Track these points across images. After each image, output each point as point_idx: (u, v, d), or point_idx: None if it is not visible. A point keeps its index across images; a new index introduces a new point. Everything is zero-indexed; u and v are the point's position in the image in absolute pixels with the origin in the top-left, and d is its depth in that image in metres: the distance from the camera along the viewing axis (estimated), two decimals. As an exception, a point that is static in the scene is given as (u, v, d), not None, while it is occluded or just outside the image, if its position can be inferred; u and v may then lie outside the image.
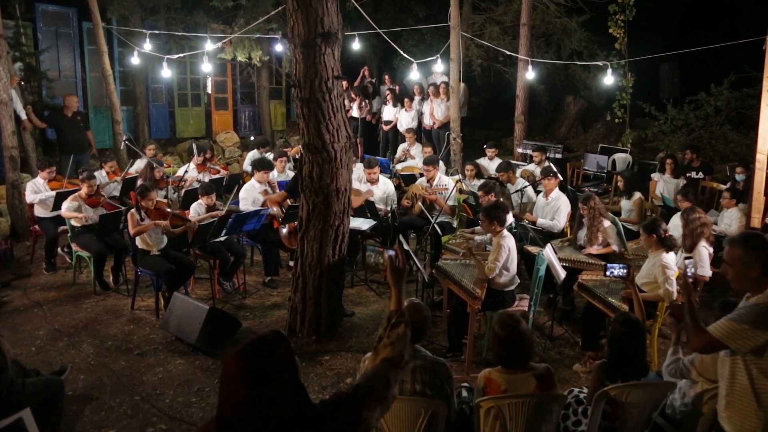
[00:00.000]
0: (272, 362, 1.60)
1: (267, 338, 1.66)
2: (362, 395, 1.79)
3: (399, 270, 2.24)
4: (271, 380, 1.58)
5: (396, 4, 13.97)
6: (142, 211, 5.80)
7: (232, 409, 1.60)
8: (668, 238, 4.76)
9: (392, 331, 2.04)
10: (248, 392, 1.57)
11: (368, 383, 1.84)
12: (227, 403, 1.61)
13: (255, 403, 1.57)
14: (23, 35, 9.94)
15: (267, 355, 1.60)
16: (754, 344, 2.50)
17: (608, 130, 12.81)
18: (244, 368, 1.59)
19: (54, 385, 3.84)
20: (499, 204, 5.09)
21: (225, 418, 1.61)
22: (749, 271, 2.59)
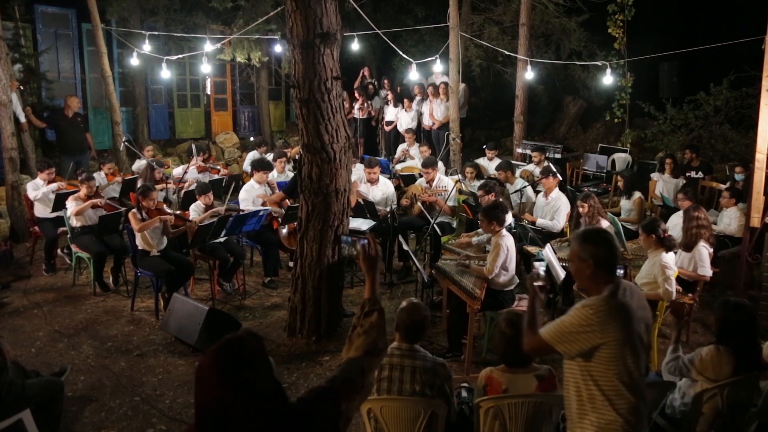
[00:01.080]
0: (245, 357, 1.59)
1: (238, 336, 1.66)
2: (339, 388, 1.79)
3: (372, 258, 2.25)
4: (245, 375, 1.57)
5: (395, 4, 13.98)
6: (143, 211, 5.80)
7: (209, 408, 1.59)
8: (667, 238, 4.77)
9: (365, 319, 2.04)
10: (223, 388, 1.56)
11: (344, 375, 1.84)
12: (204, 401, 1.59)
13: (231, 399, 1.55)
14: (22, 37, 9.94)
15: (239, 351, 1.60)
16: (581, 348, 2.37)
17: (608, 130, 12.82)
18: (218, 365, 1.58)
19: (54, 386, 3.83)
20: (498, 204, 5.09)
21: (203, 418, 1.60)
22: (584, 268, 2.47)
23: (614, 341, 2.33)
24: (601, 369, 2.36)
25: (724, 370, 3.19)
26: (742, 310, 3.27)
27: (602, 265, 2.45)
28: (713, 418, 3.20)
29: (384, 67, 15.19)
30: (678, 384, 3.44)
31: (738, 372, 3.17)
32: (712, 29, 10.63)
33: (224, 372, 1.56)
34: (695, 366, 3.28)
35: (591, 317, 2.35)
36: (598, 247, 2.46)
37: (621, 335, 2.34)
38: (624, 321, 2.36)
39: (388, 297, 6.32)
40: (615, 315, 2.36)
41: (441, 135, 10.81)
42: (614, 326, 2.34)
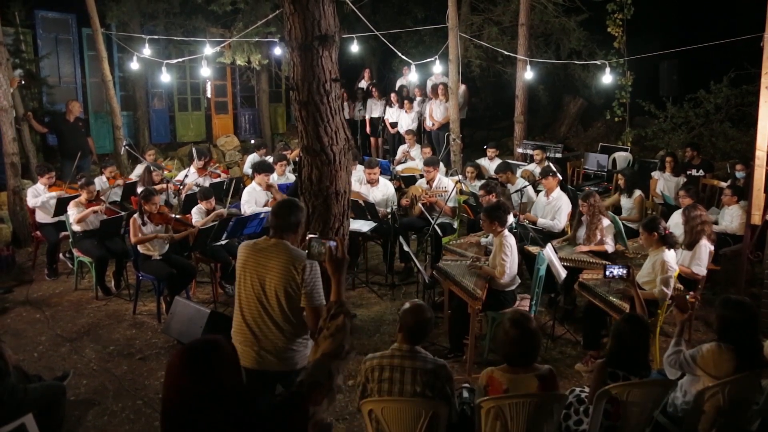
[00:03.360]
0: (212, 355, 1.60)
1: (210, 337, 1.69)
2: (307, 391, 1.79)
3: (338, 260, 2.25)
4: (210, 370, 1.58)
5: (394, 5, 13.99)
6: (145, 216, 5.81)
7: (174, 400, 1.59)
8: (669, 236, 4.76)
9: (331, 322, 2.04)
10: (190, 380, 1.57)
11: (311, 379, 1.84)
12: (171, 394, 1.60)
13: (197, 392, 1.56)
14: (23, 42, 9.97)
15: (207, 348, 1.62)
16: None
17: (608, 128, 12.81)
18: (188, 358, 1.60)
19: (56, 390, 3.84)
20: (500, 204, 5.09)
21: (168, 409, 1.60)
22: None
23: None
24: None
25: (725, 367, 3.18)
26: (744, 308, 3.27)
27: None
28: (715, 416, 3.19)
29: (384, 68, 15.21)
30: (679, 382, 3.44)
31: (739, 370, 3.17)
32: (712, 27, 10.60)
33: (190, 368, 1.57)
34: (696, 362, 3.28)
35: None
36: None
37: None
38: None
39: (389, 298, 6.32)
40: None
41: (441, 136, 10.81)
42: None
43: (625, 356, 3.30)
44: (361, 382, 3.12)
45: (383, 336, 5.43)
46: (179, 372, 1.59)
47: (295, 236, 3.29)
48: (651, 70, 11.12)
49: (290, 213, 3.22)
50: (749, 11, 6.93)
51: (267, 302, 3.14)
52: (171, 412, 1.60)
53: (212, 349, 1.62)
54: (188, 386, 1.57)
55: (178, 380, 1.59)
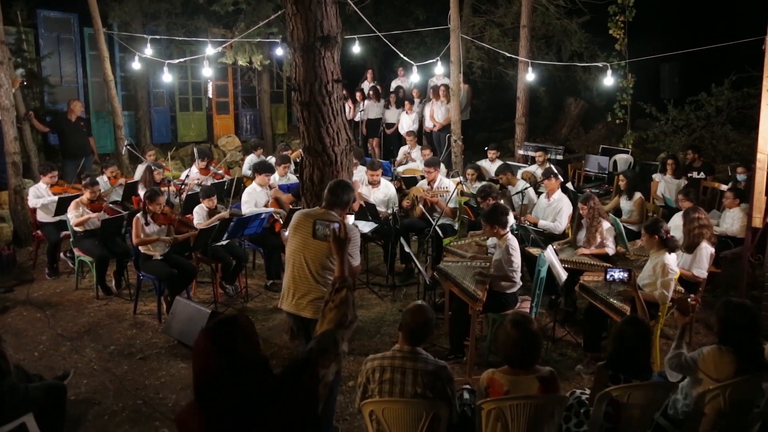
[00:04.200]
0: (233, 332, 1.82)
1: (233, 315, 1.91)
2: (316, 357, 2.00)
3: (341, 240, 2.58)
4: (234, 347, 1.80)
5: (396, 7, 14.00)
6: (149, 216, 5.81)
7: (205, 379, 1.80)
8: (670, 239, 4.76)
9: (336, 295, 2.28)
10: (217, 359, 1.78)
11: (320, 346, 2.06)
12: (201, 374, 1.80)
13: (223, 367, 1.77)
14: (25, 41, 9.98)
15: (228, 326, 1.83)
16: None
17: (609, 131, 12.81)
18: (212, 339, 1.81)
19: (57, 389, 3.84)
20: (497, 207, 5.04)
21: (201, 388, 1.81)
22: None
23: None
24: None
25: (726, 370, 3.18)
26: (745, 311, 3.26)
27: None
28: (716, 419, 3.19)
29: (385, 69, 15.22)
30: (680, 385, 3.44)
31: (740, 373, 3.17)
32: (713, 30, 10.61)
33: (218, 344, 1.79)
34: (697, 365, 3.28)
35: None
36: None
37: None
38: None
39: (390, 299, 6.32)
40: None
41: (442, 137, 10.82)
42: None
43: (626, 359, 3.30)
44: (361, 383, 3.12)
45: (384, 337, 5.43)
46: (205, 350, 1.80)
47: (342, 211, 3.87)
48: (652, 73, 11.12)
49: (344, 192, 3.83)
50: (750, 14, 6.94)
51: (309, 260, 3.74)
52: (202, 386, 1.81)
53: (232, 326, 1.83)
54: (214, 361, 1.78)
55: (205, 358, 1.80)
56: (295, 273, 3.81)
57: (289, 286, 3.85)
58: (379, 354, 3.14)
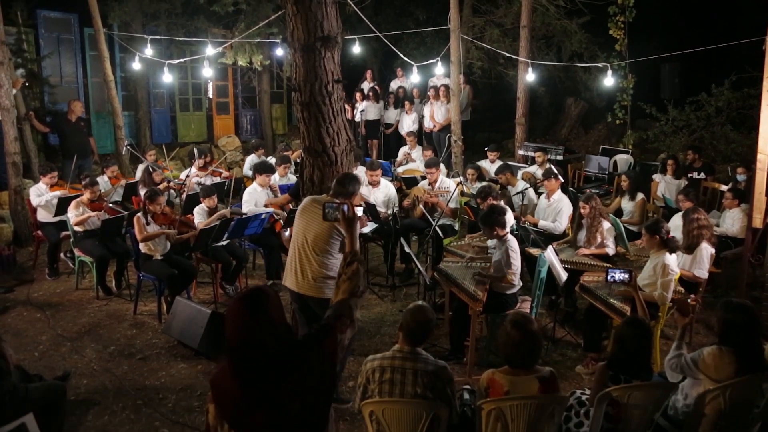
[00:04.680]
0: (264, 299, 2.00)
1: (261, 286, 2.12)
2: (334, 323, 2.23)
3: (350, 219, 2.77)
4: (265, 310, 1.97)
5: (396, 7, 14.01)
6: (149, 216, 5.81)
7: (237, 342, 1.97)
8: (671, 240, 4.76)
9: (348, 268, 2.51)
10: (248, 320, 1.96)
11: (337, 313, 2.29)
12: (233, 337, 1.97)
13: (253, 330, 1.95)
14: (25, 42, 9.99)
15: (259, 294, 2.02)
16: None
17: (609, 131, 12.81)
18: (243, 304, 1.99)
19: (57, 390, 3.85)
20: (494, 208, 5.02)
21: (233, 350, 1.98)
22: None
23: None
24: None
25: (726, 371, 3.18)
26: (745, 311, 3.26)
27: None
28: (716, 420, 3.19)
29: (385, 70, 15.23)
30: (680, 385, 3.43)
31: (740, 373, 3.17)
32: (714, 30, 10.61)
33: (248, 310, 1.97)
34: (698, 365, 3.28)
35: None
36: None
37: None
38: None
39: (390, 300, 6.32)
40: None
41: (442, 137, 10.82)
42: None
43: (627, 360, 3.29)
44: (362, 384, 3.12)
45: (384, 337, 5.42)
46: (240, 315, 1.98)
47: (350, 200, 4.08)
48: (652, 73, 11.13)
49: (350, 183, 4.14)
50: (751, 14, 6.95)
51: (311, 242, 4.06)
52: (234, 348, 1.97)
53: (264, 295, 2.02)
54: (249, 323, 1.96)
55: (239, 322, 1.97)
56: (297, 253, 4.12)
57: (291, 265, 4.16)
58: (379, 354, 3.15)
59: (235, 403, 1.97)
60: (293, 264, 4.16)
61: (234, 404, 1.97)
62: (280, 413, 1.96)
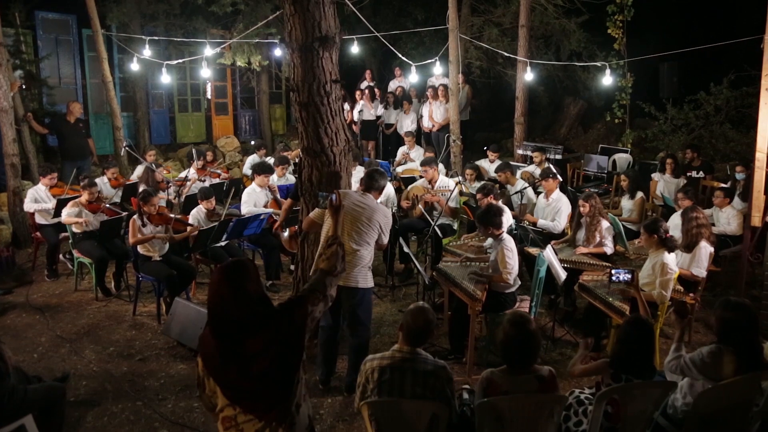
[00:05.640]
0: (242, 271, 2.30)
1: (241, 259, 2.43)
2: (308, 295, 2.49)
3: (336, 207, 3.23)
4: (242, 281, 2.27)
5: (394, 7, 14.00)
6: (145, 217, 5.81)
7: (217, 303, 2.27)
8: (669, 239, 4.76)
9: (328, 249, 2.74)
10: (227, 289, 2.25)
11: (312, 287, 2.54)
12: (214, 300, 2.28)
13: (233, 296, 2.24)
14: (23, 43, 9.98)
15: (239, 267, 2.31)
16: None
17: (608, 130, 12.81)
18: (223, 275, 2.28)
19: (56, 391, 3.84)
20: (490, 208, 5.01)
21: (212, 310, 2.30)
22: None
23: None
24: None
25: (725, 370, 3.18)
26: (743, 310, 3.26)
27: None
28: (715, 419, 3.19)
29: (384, 69, 15.22)
30: (680, 384, 3.43)
31: (740, 372, 3.17)
32: (712, 29, 10.63)
33: (228, 281, 2.26)
34: (697, 365, 3.28)
35: None
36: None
37: None
38: None
39: (389, 300, 6.32)
40: None
41: (441, 137, 10.81)
42: None
43: (630, 359, 3.28)
44: (361, 383, 3.12)
45: (383, 337, 5.42)
46: (219, 285, 2.28)
47: (378, 194, 4.56)
48: (651, 72, 11.13)
49: (380, 178, 4.54)
50: (749, 13, 6.94)
51: (346, 232, 4.27)
52: (214, 313, 2.29)
53: (242, 267, 2.31)
54: (226, 293, 2.25)
55: (219, 289, 2.27)
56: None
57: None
58: (379, 354, 3.14)
59: (214, 357, 2.29)
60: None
61: (212, 359, 2.30)
62: (249, 369, 2.24)
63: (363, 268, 4.32)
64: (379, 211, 4.41)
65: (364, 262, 4.32)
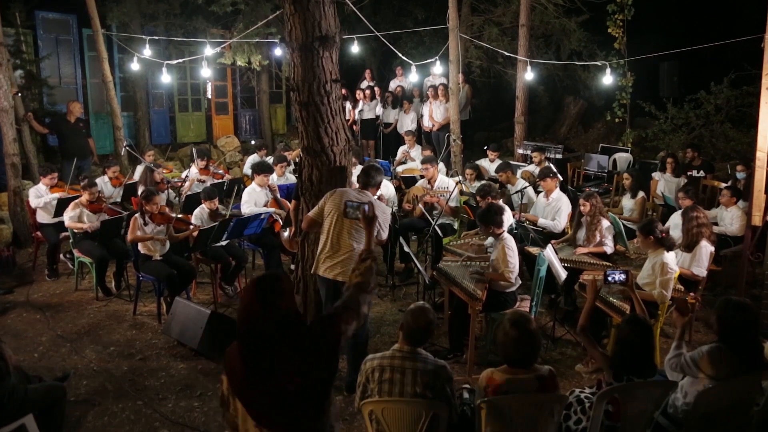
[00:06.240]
0: (275, 284, 2.15)
1: (274, 272, 2.27)
2: (341, 313, 2.37)
3: (370, 219, 3.00)
4: (274, 295, 2.12)
5: (394, 6, 14.00)
6: (146, 216, 5.81)
7: (246, 318, 2.13)
8: (666, 238, 4.75)
9: (362, 264, 2.66)
10: (258, 303, 2.10)
11: (345, 305, 2.43)
12: (243, 314, 2.15)
13: (263, 311, 2.09)
14: (23, 43, 9.98)
15: (272, 280, 2.17)
16: None
17: (608, 129, 12.81)
18: (256, 286, 2.14)
19: (56, 391, 3.84)
20: (490, 207, 5.02)
21: (241, 325, 2.15)
22: None
23: None
24: None
25: (725, 369, 3.18)
26: (744, 310, 3.25)
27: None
28: (715, 418, 3.19)
29: (384, 69, 15.22)
30: (680, 383, 3.43)
31: (740, 371, 3.17)
32: (712, 28, 10.61)
33: (260, 297, 2.12)
34: (697, 364, 3.28)
35: None
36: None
37: None
38: None
39: (390, 299, 6.32)
40: None
41: (441, 137, 10.81)
42: None
43: (630, 359, 3.27)
44: (361, 383, 3.12)
45: (383, 337, 5.43)
46: (251, 299, 2.13)
47: (375, 189, 4.67)
48: (651, 71, 11.12)
49: (376, 174, 4.61)
50: (749, 12, 6.94)
51: (345, 230, 4.34)
52: (244, 328, 2.14)
53: (276, 280, 2.17)
54: (257, 307, 2.11)
55: (249, 306, 2.13)
56: (331, 241, 4.39)
57: (324, 253, 4.41)
58: (379, 354, 3.14)
59: (240, 377, 2.14)
60: (327, 248, 4.40)
61: (239, 378, 2.15)
62: (279, 391, 2.10)
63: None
64: (378, 207, 4.48)
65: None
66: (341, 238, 4.34)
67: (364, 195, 4.49)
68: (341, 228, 4.34)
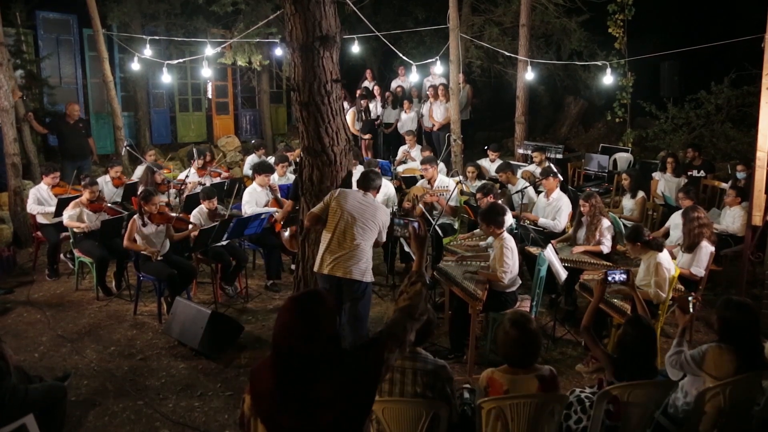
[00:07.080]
0: (319, 303, 2.01)
1: (317, 291, 2.16)
2: (385, 340, 2.15)
3: (422, 238, 2.65)
4: (317, 315, 1.97)
5: (395, 6, 14.00)
6: (145, 216, 5.81)
7: (285, 338, 1.97)
8: (653, 241, 4.76)
9: (411, 287, 2.39)
10: (300, 323, 1.95)
11: (390, 330, 2.21)
12: (281, 333, 1.98)
13: (304, 331, 1.94)
14: (24, 43, 9.99)
15: (315, 298, 2.03)
16: None
17: (609, 129, 12.82)
18: (297, 309, 1.99)
19: (57, 391, 3.85)
20: (494, 207, 5.03)
21: (277, 345, 1.99)
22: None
23: None
24: None
25: (726, 368, 3.18)
26: (744, 309, 3.26)
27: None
28: (716, 417, 3.19)
29: (384, 69, 15.22)
30: (680, 383, 3.43)
31: (740, 371, 3.17)
32: (713, 28, 10.63)
33: (302, 316, 1.97)
34: (698, 363, 3.28)
35: None
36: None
37: None
38: None
39: (390, 299, 6.32)
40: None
41: (441, 136, 10.81)
42: None
43: (632, 361, 3.27)
44: (361, 383, 3.11)
45: (384, 337, 5.42)
46: (291, 319, 1.98)
47: (375, 192, 4.74)
48: (652, 71, 11.13)
49: (375, 178, 4.75)
50: (750, 12, 6.93)
51: (352, 228, 4.43)
52: (280, 349, 1.98)
53: (319, 299, 2.03)
54: (298, 327, 1.95)
55: (288, 322, 1.98)
56: (336, 239, 4.45)
57: (328, 251, 4.46)
58: (379, 354, 3.14)
59: (269, 398, 1.98)
60: (332, 246, 4.46)
61: (268, 399, 1.98)
62: (311, 419, 1.93)
63: (365, 262, 4.47)
64: (380, 210, 4.63)
65: (366, 256, 4.47)
66: (347, 235, 4.42)
67: (368, 197, 4.63)
68: (347, 225, 4.43)
